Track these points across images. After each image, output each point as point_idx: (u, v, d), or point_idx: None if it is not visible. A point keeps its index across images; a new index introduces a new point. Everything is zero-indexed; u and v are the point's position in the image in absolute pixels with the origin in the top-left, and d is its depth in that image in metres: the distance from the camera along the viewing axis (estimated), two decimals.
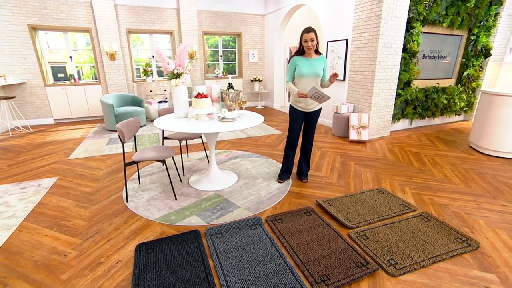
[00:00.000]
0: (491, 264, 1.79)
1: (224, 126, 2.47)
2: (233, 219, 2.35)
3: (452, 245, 1.96)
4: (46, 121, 6.12)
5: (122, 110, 5.24)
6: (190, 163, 3.66)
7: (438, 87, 5.30)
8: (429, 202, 2.58)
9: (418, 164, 3.52)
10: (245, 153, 3.99)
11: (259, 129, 5.37)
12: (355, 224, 2.22)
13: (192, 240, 2.07)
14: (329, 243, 2.00)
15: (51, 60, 6.33)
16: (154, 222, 2.31)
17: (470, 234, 2.10)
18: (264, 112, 7.27)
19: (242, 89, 8.00)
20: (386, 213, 2.37)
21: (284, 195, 2.75)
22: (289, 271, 1.75)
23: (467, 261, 1.82)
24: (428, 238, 2.03)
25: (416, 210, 2.42)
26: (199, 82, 7.31)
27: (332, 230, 2.14)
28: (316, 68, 2.66)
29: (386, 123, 4.74)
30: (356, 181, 3.03)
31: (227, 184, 2.96)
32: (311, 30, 2.60)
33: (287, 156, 3.01)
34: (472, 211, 2.42)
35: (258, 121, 2.71)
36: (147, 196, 2.75)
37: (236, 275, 1.73)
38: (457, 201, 2.60)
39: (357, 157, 3.77)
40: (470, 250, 1.91)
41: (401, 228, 2.15)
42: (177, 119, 2.80)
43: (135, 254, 1.91)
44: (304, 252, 1.91)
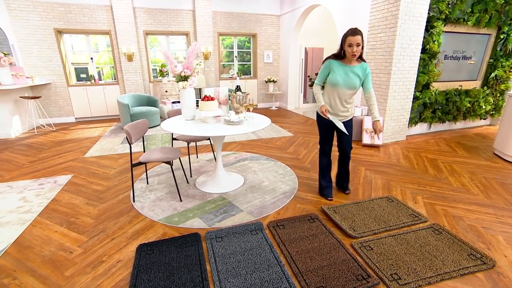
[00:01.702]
0: (507, 285, 1.65)
1: (229, 129, 2.46)
2: (235, 223, 2.33)
3: (464, 262, 1.83)
4: (68, 120, 6.43)
5: (137, 110, 5.39)
6: (198, 164, 3.69)
7: (461, 89, 5.00)
8: (442, 213, 2.43)
9: (433, 171, 3.33)
10: (254, 155, 3.97)
11: (270, 131, 5.33)
12: (359, 233, 2.13)
13: (192, 243, 2.08)
14: (330, 252, 1.94)
15: (74, 61, 6.64)
16: (157, 223, 2.34)
17: (486, 251, 1.95)
18: (278, 113, 7.22)
19: (256, 90, 7.99)
20: (394, 223, 2.26)
21: (289, 200, 2.69)
22: (285, 280, 1.71)
23: (480, 280, 1.69)
24: (438, 253, 1.91)
25: (427, 221, 2.29)
26: (214, 83, 7.38)
27: (335, 239, 2.07)
28: (352, 78, 2.29)
29: (402, 127, 4.54)
30: (365, 187, 2.92)
31: (232, 187, 2.96)
32: (358, 33, 2.16)
33: (322, 171, 2.69)
34: (490, 226, 2.25)
35: (264, 124, 2.67)
36: (153, 197, 2.80)
37: (232, 281, 1.71)
38: (474, 213, 2.43)
39: (369, 162, 3.63)
40: (484, 269, 1.77)
41: (409, 240, 2.04)
42: (184, 121, 2.83)
43: (136, 254, 1.95)
44: (303, 261, 1.86)
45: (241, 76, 7.85)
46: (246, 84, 7.82)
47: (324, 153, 2.63)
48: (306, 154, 3.98)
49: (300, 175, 3.23)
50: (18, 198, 2.80)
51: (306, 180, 3.11)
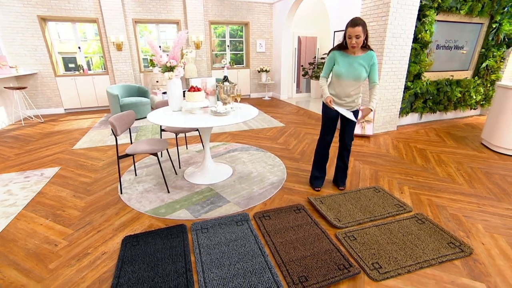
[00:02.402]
0: (482, 272, 1.70)
1: (215, 120, 2.44)
2: (221, 214, 2.34)
3: (444, 250, 1.87)
4: (57, 111, 6.31)
5: (127, 101, 5.31)
6: (188, 155, 3.67)
7: (452, 79, 5.00)
8: (427, 203, 2.47)
9: (421, 161, 3.37)
10: (244, 145, 3.96)
11: (262, 121, 5.30)
12: (344, 224, 2.16)
13: (177, 234, 2.08)
14: (314, 243, 1.96)
15: (61, 50, 6.46)
16: (144, 215, 2.34)
17: (465, 239, 1.99)
18: (271, 103, 7.17)
19: (249, 80, 7.90)
20: (379, 213, 2.29)
21: (276, 190, 2.71)
22: (268, 270, 1.73)
23: (457, 268, 1.73)
24: (419, 242, 1.95)
25: (411, 211, 2.33)
26: (206, 73, 7.27)
27: (319, 230, 2.10)
28: (357, 69, 2.23)
29: (393, 117, 4.55)
30: (353, 178, 2.94)
31: (221, 178, 2.96)
32: (357, 24, 2.08)
33: (317, 162, 2.66)
34: (471, 214, 2.29)
35: (251, 115, 2.65)
36: (141, 188, 2.79)
37: (215, 271, 1.73)
38: (458, 202, 2.47)
39: (358, 153, 3.65)
40: (462, 256, 1.81)
41: (392, 230, 2.07)
42: (171, 112, 2.79)
43: (121, 246, 1.95)
44: (286, 251, 1.88)
45: (233, 66, 7.74)
46: (238, 74, 7.73)
47: (324, 144, 2.59)
48: (296, 144, 3.99)
49: (289, 166, 3.24)
50: (2, 191, 2.77)
51: (294, 170, 3.12)
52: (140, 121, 5.41)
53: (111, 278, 1.68)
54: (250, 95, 8.11)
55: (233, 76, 7.65)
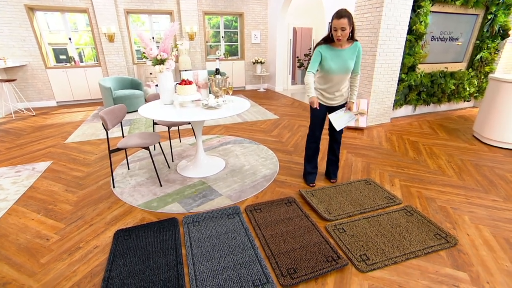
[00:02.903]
0: (465, 262, 1.75)
1: (206, 114, 2.43)
2: (213, 207, 2.36)
3: (430, 241, 1.91)
4: (49, 104, 6.23)
5: (120, 93, 5.25)
6: (181, 148, 3.67)
7: (446, 71, 5.00)
8: (417, 195, 2.51)
9: (413, 153, 3.40)
10: (238, 138, 3.96)
11: (256, 114, 5.29)
12: (334, 216, 2.19)
13: (169, 228, 2.10)
14: (304, 235, 1.99)
15: (52, 41, 6.33)
16: (136, 208, 2.35)
17: (451, 230, 2.04)
18: (265, 95, 7.14)
19: (244, 71, 7.83)
20: (369, 205, 2.33)
21: (268, 183, 2.73)
22: (257, 263, 1.76)
23: (442, 258, 1.78)
24: (407, 234, 1.99)
25: (401, 203, 2.37)
26: (200, 65, 7.19)
27: (310, 222, 2.13)
28: (347, 61, 2.22)
29: (387, 110, 4.57)
30: (345, 170, 2.97)
31: (213, 171, 2.97)
32: (343, 16, 2.05)
33: (308, 158, 2.67)
34: (459, 206, 2.34)
35: (243, 108, 2.64)
36: (133, 182, 2.79)
37: (205, 264, 1.76)
38: (446, 194, 2.51)
39: (352, 145, 3.67)
40: (447, 247, 1.86)
41: (381, 222, 2.11)
42: (163, 106, 2.77)
43: (113, 240, 1.97)
44: (276, 244, 1.91)
45: (228, 57, 7.65)
46: (233, 66, 7.65)
47: (314, 139, 2.59)
48: (290, 137, 3.99)
49: (282, 159, 3.26)
50: None
51: (287, 163, 3.14)
52: (134, 114, 5.37)
53: (103, 271, 1.70)
54: (245, 87, 8.06)
55: (228, 68, 7.58)
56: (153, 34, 6.82)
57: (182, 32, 6.80)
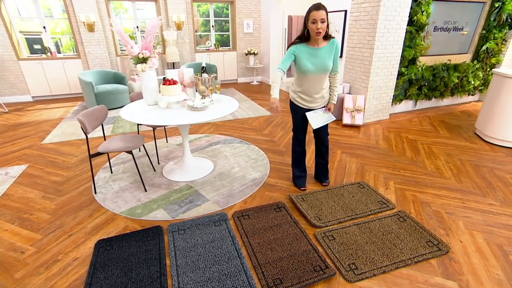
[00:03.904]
0: (456, 270, 1.84)
1: (192, 117, 2.46)
2: (199, 213, 2.42)
3: (421, 249, 1.99)
4: (23, 99, 6.18)
5: (102, 89, 5.24)
6: (167, 149, 3.70)
7: (449, 64, 5.07)
8: (411, 199, 2.59)
9: (411, 153, 3.48)
10: (228, 138, 4.00)
11: (248, 110, 5.32)
12: (324, 223, 2.26)
13: (153, 237, 2.16)
14: (292, 243, 2.07)
15: (24, 29, 6.22)
16: (119, 216, 2.40)
17: (444, 237, 2.13)
18: (259, 89, 7.16)
19: (236, 63, 7.82)
20: (361, 211, 2.40)
21: (257, 187, 2.79)
22: (243, 273, 1.83)
23: (432, 267, 1.86)
24: (398, 241, 2.07)
25: (394, 208, 2.45)
26: (189, 56, 7.16)
27: (298, 229, 2.20)
28: (324, 60, 2.23)
29: (385, 106, 4.63)
30: (338, 172, 3.04)
31: (200, 174, 3.02)
32: (321, 8, 2.07)
33: (295, 161, 2.73)
34: (454, 211, 2.43)
35: (230, 109, 2.68)
36: (116, 187, 2.83)
37: (190, 275, 1.82)
38: (442, 198, 2.60)
39: (347, 144, 3.74)
40: (438, 255, 1.94)
41: (372, 229, 2.19)
42: (146, 107, 2.80)
43: (94, 251, 2.01)
44: (263, 253, 1.98)
45: (218, 48, 7.62)
46: (224, 57, 7.63)
47: (298, 142, 2.66)
48: (282, 136, 4.05)
49: (273, 160, 3.32)
50: None
51: (278, 165, 3.20)
52: (119, 111, 5.36)
53: (82, 285, 1.75)
54: (238, 80, 8.06)
55: (219, 59, 7.56)
56: (137, 23, 6.76)
57: (169, 21, 6.75)
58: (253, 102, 5.88)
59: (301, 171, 2.77)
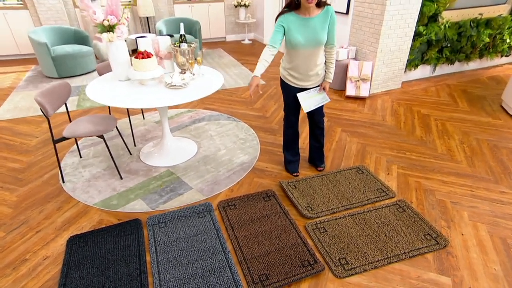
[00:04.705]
0: (452, 265, 2.09)
1: (171, 97, 2.55)
2: (182, 203, 2.63)
3: (418, 243, 2.24)
4: None
5: (61, 51, 5.20)
6: (145, 127, 3.84)
7: (480, 19, 5.05)
8: (414, 186, 2.81)
9: (421, 132, 3.66)
10: (214, 113, 4.13)
11: (237, 78, 5.39)
12: (316, 213, 2.49)
13: (131, 231, 2.38)
14: (281, 236, 2.30)
15: None
16: (92, 208, 2.59)
17: (445, 229, 2.37)
18: (251, 49, 7.13)
19: (224, 17, 7.67)
20: (358, 200, 2.63)
21: (246, 173, 2.99)
22: (228, 269, 2.07)
23: (427, 262, 2.11)
24: (394, 234, 2.31)
25: (394, 197, 2.67)
26: (166, 9, 6.99)
27: (288, 221, 2.43)
28: (317, 32, 2.27)
29: (397, 73, 4.72)
30: (336, 155, 3.24)
31: (183, 158, 3.19)
32: None
33: (287, 144, 2.91)
34: (460, 200, 2.65)
35: (214, 86, 2.77)
36: (88, 174, 3.00)
37: (172, 272, 2.06)
38: (449, 185, 2.82)
39: (348, 121, 3.90)
40: (436, 249, 2.18)
41: (368, 220, 2.42)
42: (117, 83, 2.87)
43: (66, 248, 2.22)
44: (249, 247, 2.22)
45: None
46: (209, 10, 7.47)
47: (290, 123, 2.80)
48: (276, 110, 4.19)
49: (264, 140, 3.49)
50: None
51: (269, 146, 3.39)
52: (82, 79, 5.39)
53: (56, 286, 1.98)
54: (226, 38, 7.96)
55: (203, 13, 7.40)
56: None
57: None
58: (243, 67, 5.92)
59: (293, 155, 2.95)
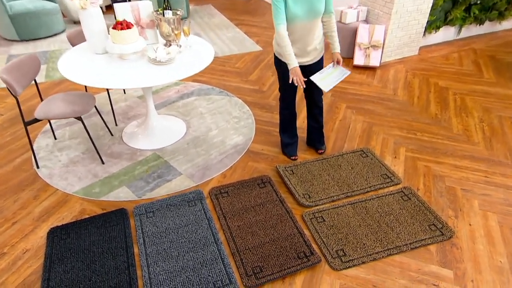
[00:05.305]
0: (455, 258, 2.27)
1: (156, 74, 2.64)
2: (170, 191, 2.81)
3: (422, 233, 2.42)
4: None
5: (19, 7, 5.12)
6: (126, 103, 3.94)
7: None
8: (423, 171, 2.97)
9: (436, 108, 3.77)
10: (204, 86, 4.22)
11: (230, 44, 5.41)
12: (314, 201, 2.68)
13: (117, 222, 2.56)
14: (276, 226, 2.50)
15: None
16: (73, 197, 2.75)
17: (452, 219, 2.54)
18: (247, 7, 7.07)
19: None
20: (360, 187, 2.80)
21: (240, 156, 3.14)
22: (220, 261, 2.27)
23: (430, 253, 2.30)
24: (397, 224, 2.50)
25: (399, 183, 2.85)
26: None
27: (284, 210, 2.62)
28: (315, 4, 2.39)
29: (414, 38, 4.75)
30: (339, 135, 3.38)
31: (170, 139, 3.34)
32: None
33: (284, 125, 3.06)
34: (472, 187, 2.80)
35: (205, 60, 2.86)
36: (65, 159, 3.15)
37: (161, 265, 2.26)
38: (461, 170, 2.97)
39: (355, 95, 4.00)
40: (440, 241, 2.36)
41: (369, 209, 2.61)
42: (93, 56, 2.94)
43: (47, 241, 2.40)
44: (243, 238, 2.42)
45: None
46: None
47: (286, 104, 2.93)
48: (274, 83, 4.27)
49: (260, 118, 3.62)
50: None
51: (266, 125, 3.53)
52: (50, 42, 5.37)
53: (39, 281, 2.16)
54: None
55: None
56: None
57: None
58: (238, 29, 5.90)
59: (290, 137, 3.11)
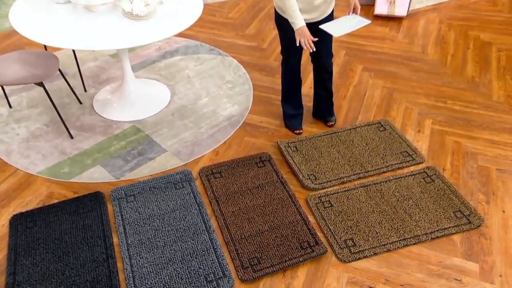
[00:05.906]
0: (483, 250, 2.33)
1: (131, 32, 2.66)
2: (153, 171, 2.89)
3: (445, 221, 2.51)
4: None
5: None
6: (96, 64, 3.95)
7: None
8: (452, 148, 3.00)
9: (474, 69, 3.75)
10: (191, 43, 4.21)
11: None
12: (321, 183, 2.77)
13: (92, 207, 2.65)
14: (276, 212, 2.61)
15: None
16: (37, 178, 2.82)
17: (482, 205, 2.59)
18: None
19: None
20: (375, 166, 2.89)
21: (234, 130, 3.21)
22: (212, 251, 2.38)
23: (453, 244, 2.37)
24: (417, 210, 2.59)
25: (422, 162, 2.92)
26: None
27: (286, 193, 2.72)
28: None
29: None
30: (352, 105, 3.42)
31: (152, 109, 3.38)
32: None
33: (286, 94, 3.13)
34: (510, 167, 2.83)
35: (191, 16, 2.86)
36: (24, 132, 3.18)
37: (145, 256, 2.36)
38: (498, 146, 2.99)
39: (374, 54, 4.00)
40: (466, 229, 2.43)
41: (384, 193, 2.70)
42: (53, 6, 2.93)
43: (10, 230, 2.48)
44: (238, 225, 2.53)
45: None
46: None
47: (290, 67, 2.96)
48: (275, 39, 4.17)
49: (258, 83, 3.65)
50: None
51: (266, 91, 3.56)
52: None
53: (4, 275, 2.25)
54: None
55: None
56: None
57: None
58: None
59: (295, 108, 3.16)
